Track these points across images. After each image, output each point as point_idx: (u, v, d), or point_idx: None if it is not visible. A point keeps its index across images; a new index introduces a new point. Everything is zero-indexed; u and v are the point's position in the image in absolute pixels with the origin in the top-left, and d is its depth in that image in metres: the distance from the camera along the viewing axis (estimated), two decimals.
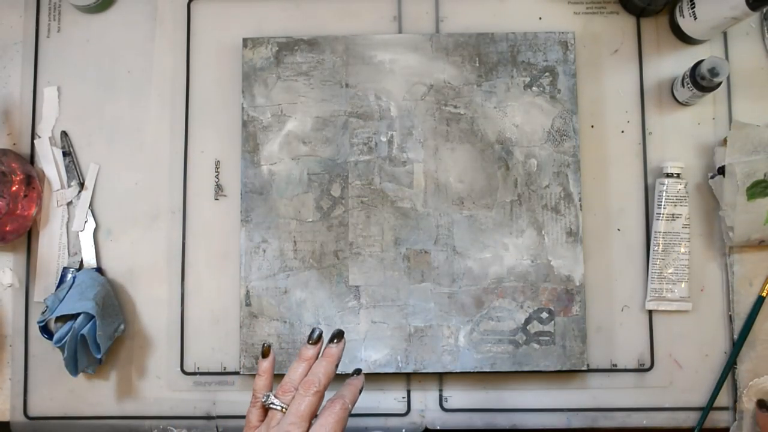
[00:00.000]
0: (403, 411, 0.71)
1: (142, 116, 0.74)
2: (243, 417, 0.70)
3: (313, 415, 0.53)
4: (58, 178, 0.73)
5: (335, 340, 0.57)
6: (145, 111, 0.74)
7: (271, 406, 0.54)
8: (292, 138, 0.71)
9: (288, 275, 0.70)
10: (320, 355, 0.56)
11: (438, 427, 0.71)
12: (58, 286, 0.72)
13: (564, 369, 0.68)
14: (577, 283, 0.69)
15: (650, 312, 0.71)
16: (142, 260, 0.73)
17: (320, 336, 0.57)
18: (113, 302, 0.70)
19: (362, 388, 0.57)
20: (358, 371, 0.58)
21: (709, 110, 0.73)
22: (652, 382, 0.71)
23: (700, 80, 0.68)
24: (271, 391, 0.56)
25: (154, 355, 0.72)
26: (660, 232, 0.70)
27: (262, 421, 0.55)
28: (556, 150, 0.71)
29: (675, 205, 0.70)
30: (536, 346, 0.69)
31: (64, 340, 0.66)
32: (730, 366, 0.70)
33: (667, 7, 0.73)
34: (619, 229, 0.72)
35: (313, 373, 0.55)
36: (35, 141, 0.74)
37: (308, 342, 0.57)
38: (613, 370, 0.71)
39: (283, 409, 0.54)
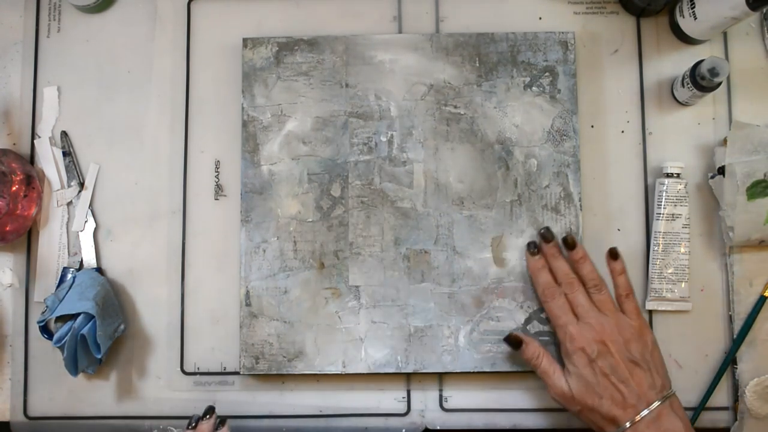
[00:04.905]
0: (403, 411, 0.71)
1: (142, 116, 0.74)
2: (243, 417, 0.71)
3: None
4: (58, 178, 0.73)
5: None
6: (145, 111, 0.74)
7: None
8: (292, 138, 0.71)
9: (288, 275, 0.70)
10: None
11: (438, 427, 0.71)
12: (58, 286, 0.72)
13: None
14: None
15: (650, 312, 0.71)
16: (142, 260, 0.73)
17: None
18: (113, 302, 0.70)
19: None
20: None
21: (709, 110, 0.73)
22: None
23: (700, 80, 0.68)
24: None
25: (154, 355, 0.72)
26: (660, 232, 0.70)
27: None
28: (556, 150, 0.71)
29: (675, 205, 0.70)
30: None
31: (64, 340, 0.66)
32: (727, 365, 0.70)
33: (667, 7, 0.73)
34: (619, 229, 0.72)
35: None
36: (35, 141, 0.74)
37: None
38: None
39: None
